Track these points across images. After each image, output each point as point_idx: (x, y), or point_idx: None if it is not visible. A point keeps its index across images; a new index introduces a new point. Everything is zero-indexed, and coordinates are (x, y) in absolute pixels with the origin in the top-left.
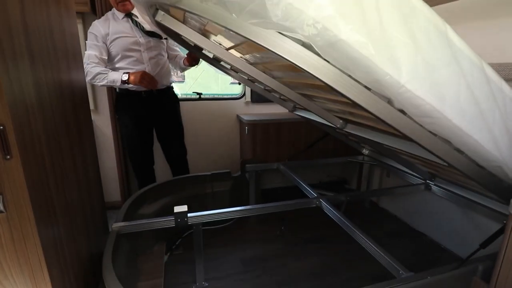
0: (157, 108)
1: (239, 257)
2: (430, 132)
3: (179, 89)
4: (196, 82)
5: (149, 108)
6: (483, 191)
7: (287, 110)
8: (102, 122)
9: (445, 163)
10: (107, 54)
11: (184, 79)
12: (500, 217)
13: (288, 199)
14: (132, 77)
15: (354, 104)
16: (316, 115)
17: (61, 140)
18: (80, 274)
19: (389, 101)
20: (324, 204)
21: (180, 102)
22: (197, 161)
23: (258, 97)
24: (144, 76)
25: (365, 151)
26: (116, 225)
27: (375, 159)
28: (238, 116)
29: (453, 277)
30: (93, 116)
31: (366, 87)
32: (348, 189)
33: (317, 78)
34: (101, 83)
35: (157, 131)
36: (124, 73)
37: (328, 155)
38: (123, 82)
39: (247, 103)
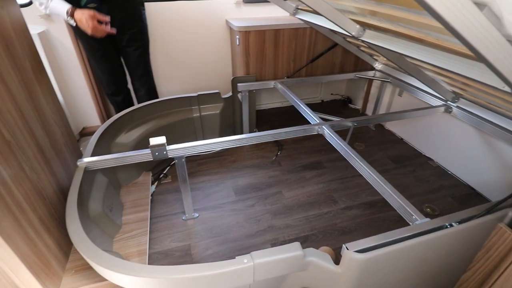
0: (113, 11)
1: (232, 185)
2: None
3: None
4: None
5: (103, 11)
6: None
7: (288, 14)
8: (59, 31)
9: (507, 89)
10: None
11: None
12: None
13: (286, 120)
14: (77, 18)
15: None
16: (325, 18)
17: None
18: (47, 214)
19: None
20: (327, 131)
21: (148, 4)
22: (178, 80)
23: None
24: (96, 28)
25: (378, 65)
26: (83, 162)
27: (389, 75)
28: (227, 22)
29: (478, 226)
30: (46, 25)
31: None
32: (353, 109)
33: None
34: (44, 12)
35: (117, 42)
36: (70, 10)
37: (334, 70)
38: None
39: (237, 4)
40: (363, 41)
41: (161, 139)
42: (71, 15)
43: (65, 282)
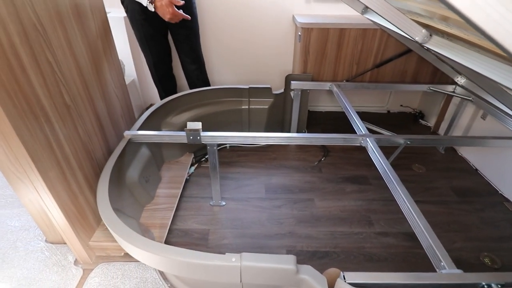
0: None
1: (264, 182)
2: None
3: None
4: None
5: None
6: None
7: (357, 13)
8: None
9: None
10: None
11: None
12: None
13: (341, 126)
14: (157, 5)
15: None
16: (386, 20)
17: (47, 30)
18: (92, 173)
19: None
20: (370, 145)
21: None
22: (235, 72)
23: None
24: (174, 13)
25: (460, 80)
26: (128, 133)
27: (472, 92)
28: (294, 18)
29: None
30: None
31: None
32: (423, 126)
33: None
34: None
35: (169, 29)
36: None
37: (405, 79)
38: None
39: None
40: (428, 49)
41: (197, 125)
42: (152, 1)
43: (97, 235)
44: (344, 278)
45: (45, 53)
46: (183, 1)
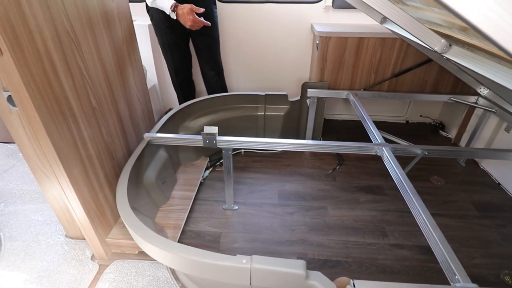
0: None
1: (278, 189)
2: None
3: None
4: None
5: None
6: None
7: (376, 22)
8: None
9: None
10: None
11: None
12: None
13: (358, 135)
14: (179, 13)
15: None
16: (404, 30)
17: (78, 36)
18: (112, 172)
19: None
20: (386, 154)
21: (237, 5)
22: (253, 78)
23: (343, 1)
24: (195, 21)
25: (483, 91)
26: (148, 135)
27: (495, 104)
28: (312, 27)
29: None
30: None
31: None
32: (444, 137)
33: None
34: (150, 5)
35: (191, 36)
36: (172, 7)
37: (424, 89)
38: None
39: (326, 8)
40: (448, 59)
41: (213, 129)
42: (174, 10)
43: (114, 232)
44: (354, 286)
45: (76, 57)
46: (203, 9)
